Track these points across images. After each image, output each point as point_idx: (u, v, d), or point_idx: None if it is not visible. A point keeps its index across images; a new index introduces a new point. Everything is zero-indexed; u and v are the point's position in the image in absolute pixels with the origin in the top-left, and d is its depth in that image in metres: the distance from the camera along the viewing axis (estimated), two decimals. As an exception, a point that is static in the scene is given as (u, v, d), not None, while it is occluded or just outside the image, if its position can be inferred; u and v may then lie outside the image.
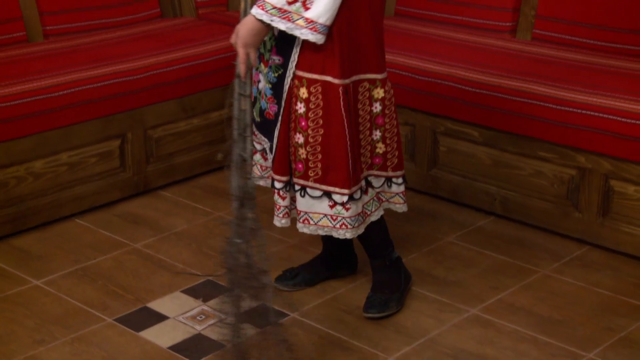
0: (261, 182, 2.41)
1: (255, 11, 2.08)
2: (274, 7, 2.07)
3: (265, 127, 2.26)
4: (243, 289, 2.14)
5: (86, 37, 3.24)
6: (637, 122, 2.51)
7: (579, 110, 2.62)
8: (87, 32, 3.29)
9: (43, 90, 2.77)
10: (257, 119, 2.30)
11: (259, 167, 2.41)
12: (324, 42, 2.12)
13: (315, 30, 2.08)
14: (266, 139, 2.29)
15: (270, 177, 2.34)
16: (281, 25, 2.09)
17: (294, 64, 2.18)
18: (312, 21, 2.08)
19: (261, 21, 2.09)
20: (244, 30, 2.10)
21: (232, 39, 2.15)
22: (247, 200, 2.14)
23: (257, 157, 2.40)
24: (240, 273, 2.14)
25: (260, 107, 2.26)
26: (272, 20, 2.08)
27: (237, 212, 2.14)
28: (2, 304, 2.42)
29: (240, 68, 2.09)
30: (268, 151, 2.30)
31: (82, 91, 2.86)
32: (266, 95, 2.24)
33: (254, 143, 2.39)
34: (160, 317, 2.34)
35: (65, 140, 2.85)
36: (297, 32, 2.10)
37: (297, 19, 2.08)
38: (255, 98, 2.29)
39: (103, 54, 3.04)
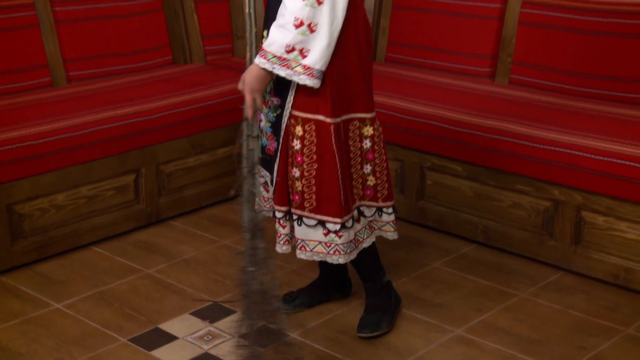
0: (264, 213, 2.39)
1: (259, 60, 2.10)
2: (275, 56, 2.09)
3: (267, 162, 2.27)
4: (258, 312, 2.13)
5: (105, 82, 3.25)
6: (606, 158, 2.52)
7: (552, 148, 2.63)
8: (106, 77, 3.30)
9: (65, 129, 2.78)
10: (260, 155, 2.28)
11: (261, 198, 2.39)
12: None
13: (312, 76, 2.10)
14: (267, 173, 2.29)
15: (272, 207, 2.33)
16: (281, 72, 2.10)
17: (290, 104, 2.20)
18: (309, 67, 2.09)
19: (264, 69, 2.10)
20: (249, 78, 2.12)
21: (240, 86, 2.16)
22: (257, 232, 2.13)
23: (260, 189, 2.38)
24: (254, 298, 2.13)
25: (262, 144, 2.27)
26: (273, 68, 2.10)
27: (249, 242, 2.13)
28: (26, 325, 2.42)
29: (248, 112, 2.11)
30: (269, 183, 2.30)
31: (101, 130, 2.86)
32: (267, 133, 2.25)
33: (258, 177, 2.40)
34: (170, 337, 2.34)
35: (85, 175, 2.86)
36: (295, 78, 2.11)
37: (296, 66, 2.09)
38: (258, 136, 2.28)
39: (120, 96, 3.06)
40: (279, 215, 2.24)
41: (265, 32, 2.21)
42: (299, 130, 2.17)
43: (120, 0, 3.39)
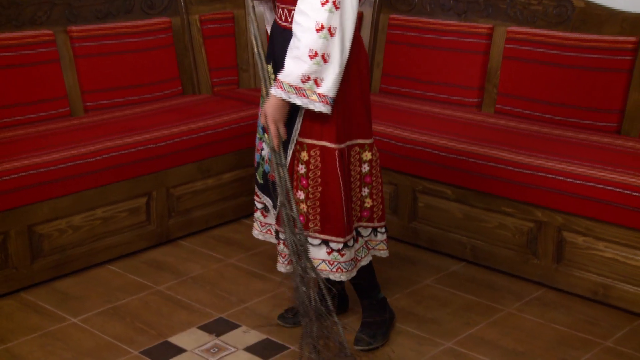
0: (260, 237, 2.41)
1: (275, 91, 2.09)
2: (291, 86, 2.07)
3: (268, 187, 2.27)
4: (317, 327, 2.12)
5: (120, 111, 3.26)
6: (584, 182, 2.54)
7: (535, 173, 2.64)
8: (121, 107, 3.31)
9: (82, 156, 2.79)
10: (260, 181, 2.31)
11: (258, 223, 2.41)
12: (322, 113, 2.12)
13: (327, 103, 2.09)
14: (268, 198, 2.29)
15: (269, 232, 2.35)
16: (297, 100, 2.08)
17: (297, 132, 2.18)
18: (324, 95, 2.08)
19: (281, 98, 2.09)
20: (270, 110, 2.11)
21: (262, 120, 2.15)
22: (302, 252, 2.14)
23: (257, 214, 2.40)
24: (310, 315, 2.13)
25: (264, 171, 2.28)
26: (289, 97, 2.08)
27: (297, 264, 2.14)
28: (44, 338, 2.42)
29: (274, 142, 2.11)
30: (270, 209, 2.30)
31: (115, 157, 2.87)
32: (270, 160, 2.24)
33: (256, 202, 2.40)
34: (179, 350, 2.34)
35: (100, 198, 2.86)
36: (311, 106, 2.09)
37: (311, 95, 2.08)
38: (259, 163, 2.31)
39: (133, 125, 3.07)
40: (283, 236, 2.23)
41: (269, 66, 2.21)
42: (304, 155, 2.18)
43: (134, 37, 3.41)
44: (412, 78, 3.46)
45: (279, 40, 2.16)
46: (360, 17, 3.61)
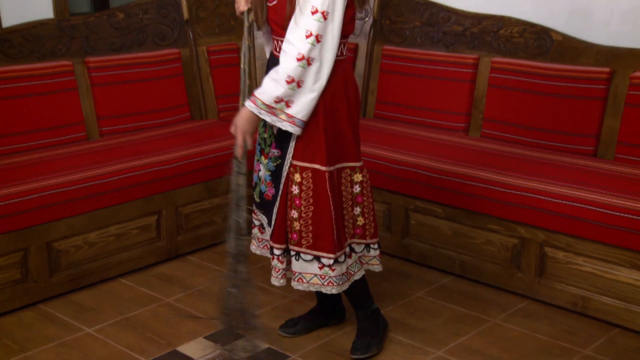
0: (257, 252, 2.41)
1: (248, 104, 2.11)
2: (264, 103, 2.09)
3: (264, 206, 2.29)
4: (237, 328, 2.15)
5: (132, 135, 3.27)
6: (564, 202, 2.56)
7: (519, 192, 2.65)
8: (134, 132, 3.33)
9: (97, 177, 2.80)
10: (257, 200, 2.32)
11: (256, 239, 2.41)
12: (313, 138, 2.15)
13: (294, 124, 2.10)
14: (264, 216, 2.30)
15: (266, 247, 2.35)
16: (267, 117, 2.10)
17: (291, 155, 2.19)
18: (292, 116, 2.10)
19: (252, 112, 2.11)
20: (241, 121, 2.13)
21: (232, 129, 2.17)
22: (241, 257, 2.15)
23: (255, 231, 2.40)
24: (234, 316, 2.15)
25: (260, 190, 2.29)
26: (260, 113, 2.10)
27: (232, 266, 2.15)
28: (61, 348, 2.43)
29: (238, 151, 2.14)
30: (266, 226, 2.31)
31: (128, 177, 2.88)
32: (266, 181, 2.26)
33: (254, 220, 2.40)
34: (186, 359, 2.34)
35: (113, 216, 2.88)
36: (279, 124, 2.11)
37: (280, 114, 2.10)
38: (256, 183, 2.32)
39: (145, 148, 3.08)
40: (277, 252, 2.25)
41: None
42: (297, 177, 2.19)
43: (146, 67, 3.43)
44: (405, 104, 3.48)
45: (273, 68, 2.18)
46: (355, 48, 3.66)
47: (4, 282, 2.62)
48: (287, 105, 2.09)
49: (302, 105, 2.09)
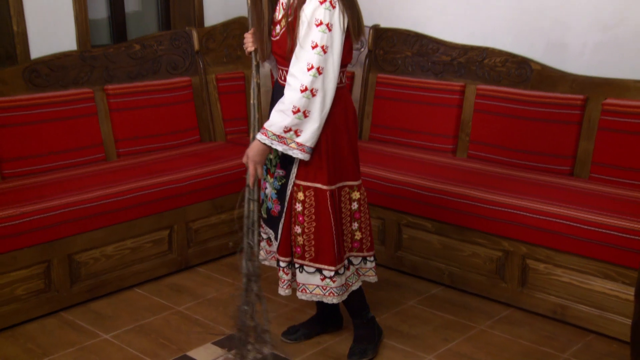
0: (266, 263, 2.42)
1: (260, 137, 2.12)
2: (274, 134, 2.10)
3: (271, 221, 2.30)
4: (250, 343, 2.15)
5: (147, 156, 3.29)
6: (544, 217, 2.58)
7: (502, 209, 2.67)
8: (148, 153, 3.34)
9: (114, 195, 2.82)
10: (265, 216, 2.33)
11: (264, 251, 2.42)
12: (315, 159, 2.15)
13: (304, 151, 2.12)
14: (271, 231, 2.32)
15: (274, 259, 2.35)
16: (279, 147, 2.11)
17: (294, 175, 2.20)
18: (302, 144, 2.11)
19: (264, 144, 2.12)
20: (252, 152, 2.15)
21: (244, 159, 2.18)
22: (253, 277, 2.17)
23: (263, 243, 2.41)
24: (247, 331, 2.17)
25: (267, 207, 2.31)
26: (272, 143, 2.11)
27: (245, 285, 2.17)
28: (80, 352, 2.45)
29: (250, 180, 2.16)
30: (273, 239, 2.32)
31: (142, 195, 2.90)
32: (272, 199, 2.28)
33: (262, 233, 2.41)
34: None
35: (129, 230, 2.90)
36: (290, 152, 2.12)
37: (291, 143, 2.10)
38: (263, 200, 2.33)
39: (158, 168, 3.10)
40: (283, 264, 2.26)
41: None
42: (300, 195, 2.20)
43: (160, 93, 3.46)
44: (397, 127, 3.49)
45: (278, 96, 2.19)
46: (352, 76, 3.69)
47: (29, 291, 2.64)
48: (297, 134, 2.10)
49: (311, 133, 2.10)
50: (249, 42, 2.23)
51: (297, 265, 2.25)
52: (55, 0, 3.28)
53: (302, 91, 2.05)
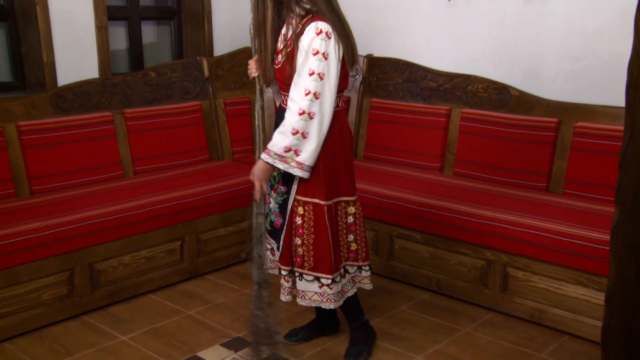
0: (270, 271, 2.39)
1: (264, 156, 2.14)
2: (276, 154, 2.11)
3: (274, 233, 2.32)
4: (263, 344, 2.18)
5: (161, 174, 3.31)
6: (523, 229, 2.60)
7: (485, 222, 2.69)
8: (162, 171, 3.37)
9: (131, 209, 2.83)
10: (269, 228, 2.34)
11: (268, 260, 2.40)
12: (313, 177, 2.16)
13: (303, 169, 2.13)
14: (274, 241, 2.34)
15: (277, 267, 2.36)
16: (280, 165, 2.12)
17: (294, 191, 2.21)
18: (301, 163, 2.12)
19: (268, 163, 2.14)
20: (258, 170, 2.17)
21: (251, 177, 2.20)
22: (264, 284, 2.19)
23: (267, 253, 2.39)
24: (260, 334, 2.19)
25: (271, 220, 2.32)
26: (274, 162, 2.12)
27: (257, 292, 2.19)
28: (100, 352, 2.46)
29: (257, 195, 2.17)
30: (275, 250, 2.34)
31: (156, 209, 2.91)
32: (275, 212, 2.29)
33: (266, 244, 2.39)
34: None
35: (144, 241, 2.91)
36: (291, 170, 2.12)
37: (291, 162, 2.12)
38: (267, 214, 2.33)
39: (171, 184, 3.12)
40: (284, 273, 2.28)
41: None
42: (300, 210, 2.21)
43: (173, 116, 3.49)
44: (389, 147, 3.52)
45: (280, 119, 2.20)
46: (348, 100, 3.71)
47: (53, 297, 2.66)
48: (296, 153, 2.11)
49: (309, 153, 2.11)
50: (252, 68, 2.25)
51: (297, 274, 2.26)
52: (80, 34, 3.34)
53: (300, 114, 2.07)
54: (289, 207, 2.24)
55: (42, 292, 2.63)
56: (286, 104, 2.18)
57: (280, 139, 2.11)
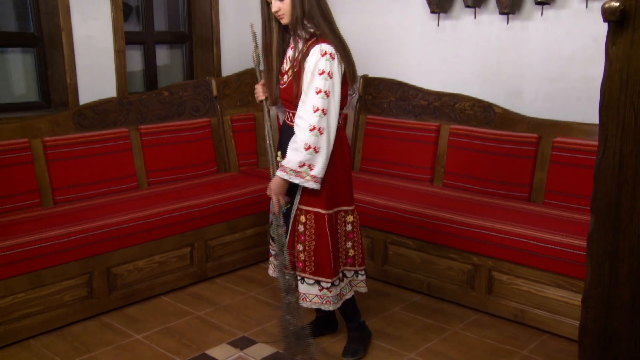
0: (275, 275, 2.41)
1: (280, 173, 2.13)
2: (292, 169, 2.11)
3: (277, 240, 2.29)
4: (296, 347, 2.16)
5: (173, 184, 3.31)
6: (507, 236, 2.60)
7: (472, 229, 2.70)
8: (174, 182, 3.37)
9: (145, 217, 2.83)
10: (273, 235, 2.31)
11: (272, 265, 2.42)
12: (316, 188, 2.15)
13: (317, 182, 2.12)
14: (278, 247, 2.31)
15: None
16: (296, 180, 2.11)
17: (298, 201, 2.21)
18: (315, 176, 2.12)
19: (284, 179, 2.14)
20: (274, 186, 2.15)
21: (268, 192, 2.18)
22: (290, 290, 2.18)
23: (271, 258, 2.41)
24: (292, 337, 2.18)
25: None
26: (290, 178, 2.11)
27: (285, 298, 2.16)
28: (117, 350, 2.46)
29: (275, 209, 2.17)
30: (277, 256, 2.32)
31: (168, 218, 2.91)
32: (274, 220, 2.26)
33: (270, 250, 2.41)
34: None
35: (157, 247, 2.91)
36: (306, 184, 2.11)
37: (306, 176, 2.11)
38: (271, 222, 2.29)
39: (182, 194, 3.11)
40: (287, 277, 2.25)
41: (279, 152, 2.25)
42: (302, 218, 2.21)
43: (184, 132, 3.50)
44: (384, 160, 3.52)
45: (286, 135, 2.22)
46: (345, 117, 3.68)
47: (74, 298, 2.67)
48: (310, 168, 2.09)
49: (322, 166, 2.11)
50: (259, 92, 2.26)
51: (299, 278, 2.25)
52: (100, 57, 3.37)
53: (311, 130, 2.06)
54: (292, 215, 2.24)
55: (64, 293, 2.64)
56: (291, 121, 2.18)
57: (294, 156, 2.10)
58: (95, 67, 3.36)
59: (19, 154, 2.90)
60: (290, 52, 2.17)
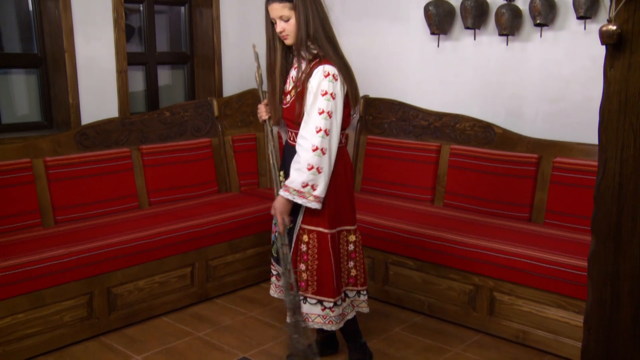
0: (276, 295, 2.41)
1: (283, 193, 2.14)
2: (295, 190, 2.11)
3: (279, 259, 2.29)
4: None
5: (174, 204, 3.31)
6: (508, 257, 2.61)
7: (473, 249, 2.70)
8: (175, 202, 3.37)
9: (146, 237, 2.84)
10: (274, 255, 2.33)
11: (274, 285, 2.41)
12: (318, 208, 2.16)
13: (319, 202, 2.13)
14: (280, 267, 2.30)
15: (281, 292, 2.36)
16: (299, 200, 2.12)
17: (300, 220, 2.21)
18: (317, 197, 2.13)
19: (287, 199, 2.15)
20: (279, 205, 2.16)
21: (272, 211, 2.19)
22: (297, 309, 2.17)
23: (273, 279, 2.41)
24: (300, 355, 2.19)
25: (277, 247, 2.30)
26: (294, 198, 2.12)
27: (291, 317, 2.16)
28: None
29: (280, 228, 2.17)
30: (281, 275, 2.30)
31: (169, 237, 2.91)
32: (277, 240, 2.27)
33: (272, 270, 2.41)
34: None
35: (158, 267, 2.91)
36: (308, 204, 2.12)
37: (309, 197, 2.12)
38: (273, 242, 2.33)
39: (182, 214, 3.12)
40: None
41: (281, 172, 2.26)
42: (305, 237, 2.22)
43: (185, 152, 3.51)
44: (384, 181, 3.52)
45: (289, 154, 2.24)
46: (347, 137, 3.68)
47: (74, 319, 2.67)
48: (313, 188, 2.10)
49: (324, 186, 2.12)
50: (262, 112, 2.27)
51: (301, 297, 2.25)
52: (102, 77, 3.40)
53: (313, 150, 2.08)
54: (295, 235, 2.24)
55: (64, 314, 2.63)
56: (293, 140, 2.19)
57: (297, 176, 2.11)
58: (98, 87, 3.39)
59: (20, 174, 2.92)
60: (293, 72, 2.19)
